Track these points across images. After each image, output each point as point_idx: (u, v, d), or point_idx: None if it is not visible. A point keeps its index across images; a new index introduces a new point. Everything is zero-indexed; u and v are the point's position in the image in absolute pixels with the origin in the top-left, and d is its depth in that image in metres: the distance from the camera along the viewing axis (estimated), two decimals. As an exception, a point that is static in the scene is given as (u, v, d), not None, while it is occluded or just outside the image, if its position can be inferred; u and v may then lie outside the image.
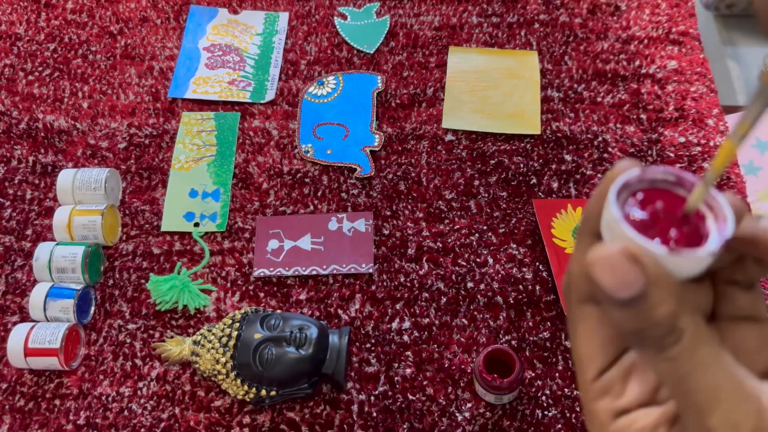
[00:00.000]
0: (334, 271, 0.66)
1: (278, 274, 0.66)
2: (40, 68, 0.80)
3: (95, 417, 0.60)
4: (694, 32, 0.79)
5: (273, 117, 0.76)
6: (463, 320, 0.63)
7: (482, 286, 0.65)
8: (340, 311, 0.64)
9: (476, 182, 0.71)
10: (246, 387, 0.56)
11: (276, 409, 0.60)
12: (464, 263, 0.66)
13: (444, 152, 0.73)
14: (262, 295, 0.66)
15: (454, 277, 0.66)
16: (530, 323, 0.63)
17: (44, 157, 0.74)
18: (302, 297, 0.65)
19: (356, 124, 0.75)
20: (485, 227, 0.68)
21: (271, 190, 0.71)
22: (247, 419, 0.60)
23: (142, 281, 0.67)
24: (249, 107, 0.77)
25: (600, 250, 0.21)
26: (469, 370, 0.61)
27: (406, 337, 0.63)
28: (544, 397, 0.59)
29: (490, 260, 0.66)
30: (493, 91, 0.76)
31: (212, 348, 0.57)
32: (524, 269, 0.65)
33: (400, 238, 0.68)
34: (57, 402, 0.61)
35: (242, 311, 0.60)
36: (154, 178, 0.73)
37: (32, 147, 0.75)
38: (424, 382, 0.60)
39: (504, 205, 0.69)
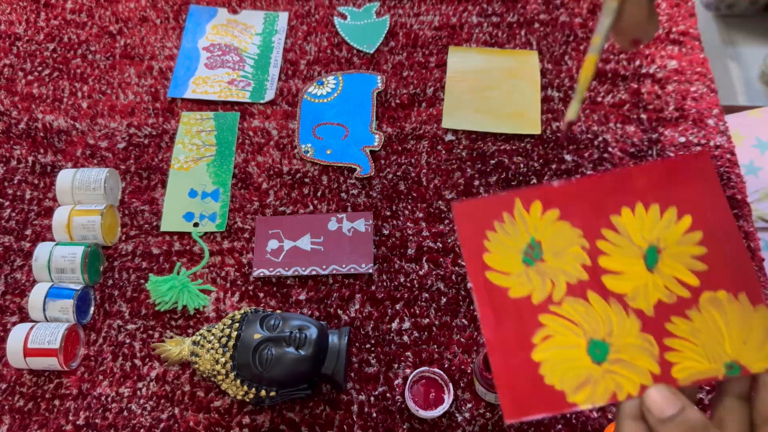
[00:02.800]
0: (334, 272, 0.66)
1: (278, 274, 0.66)
2: (40, 68, 0.80)
3: (95, 417, 0.60)
4: (694, 32, 0.79)
5: (272, 117, 0.76)
6: (463, 320, 0.63)
7: (482, 287, 0.64)
8: (339, 311, 0.64)
9: (476, 182, 0.70)
10: (245, 387, 0.56)
11: (275, 410, 0.60)
12: (464, 263, 0.66)
13: (444, 152, 0.72)
14: (261, 295, 0.66)
15: (454, 277, 0.65)
16: (530, 323, 0.62)
17: (43, 157, 0.74)
18: (302, 297, 0.65)
19: (356, 124, 0.74)
20: (485, 227, 0.68)
21: (271, 190, 0.71)
22: (246, 420, 0.59)
23: (142, 281, 0.67)
24: (248, 107, 0.76)
25: (649, 392, 0.35)
26: (469, 371, 0.61)
27: (406, 338, 0.63)
28: (544, 398, 0.59)
29: (490, 260, 0.66)
30: (493, 90, 0.76)
31: (212, 348, 0.57)
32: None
33: (399, 239, 0.68)
34: (56, 402, 0.61)
35: (242, 311, 0.60)
36: (154, 178, 0.73)
37: (31, 147, 0.75)
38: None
39: (504, 205, 0.69)
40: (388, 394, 0.60)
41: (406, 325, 0.63)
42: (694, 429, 0.33)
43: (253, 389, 0.56)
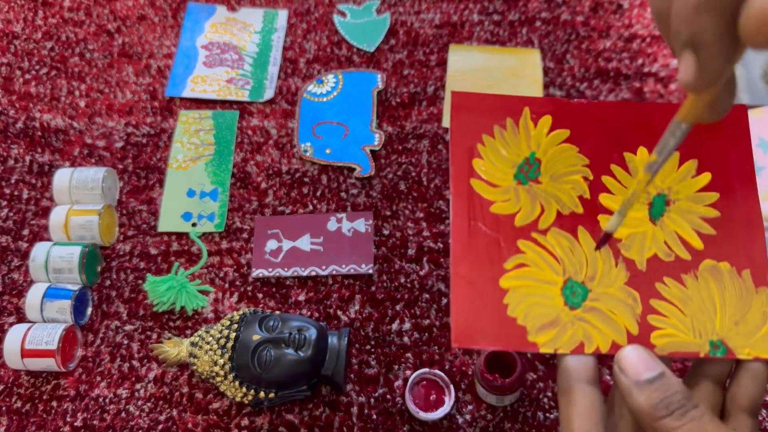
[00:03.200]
0: (334, 272, 0.65)
1: (277, 274, 0.66)
2: (37, 67, 0.79)
3: (92, 419, 0.60)
4: (697, 30, 0.78)
5: (272, 116, 0.75)
6: (464, 321, 0.63)
7: (483, 287, 0.64)
8: (339, 312, 0.64)
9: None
10: (244, 389, 0.56)
11: (275, 411, 0.59)
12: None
13: (445, 151, 0.72)
14: (260, 296, 0.65)
15: (454, 277, 0.65)
16: (532, 324, 0.62)
17: (41, 157, 0.74)
18: (301, 298, 0.65)
19: (356, 123, 0.74)
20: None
21: (270, 189, 0.71)
22: (245, 421, 0.59)
23: (140, 282, 0.66)
24: (247, 106, 0.76)
25: (626, 350, 0.31)
26: (470, 372, 0.60)
27: (406, 339, 0.62)
28: (545, 399, 0.59)
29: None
30: (494, 89, 0.76)
31: (210, 350, 0.57)
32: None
33: (400, 239, 0.67)
34: (54, 404, 0.61)
35: (240, 312, 0.59)
36: (152, 178, 0.72)
37: (29, 146, 0.74)
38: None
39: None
40: (388, 396, 0.60)
41: (407, 326, 0.63)
42: (674, 396, 0.29)
43: (252, 391, 0.56)
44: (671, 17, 0.25)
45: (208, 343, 0.57)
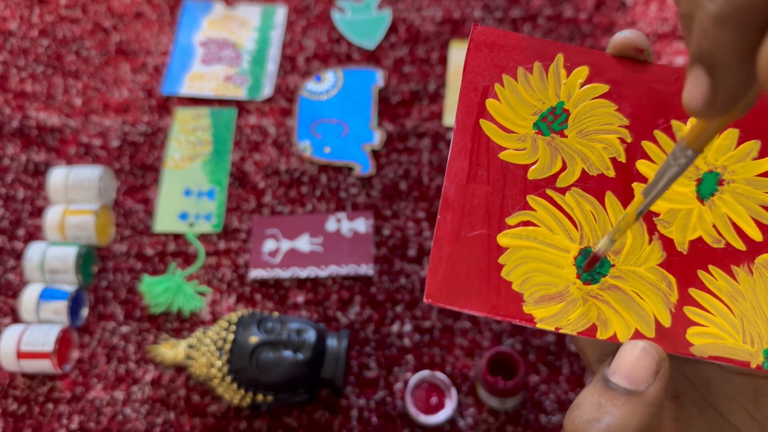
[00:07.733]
0: (333, 273, 0.64)
1: (275, 275, 0.65)
2: (33, 65, 0.78)
3: (88, 421, 0.59)
4: (702, 26, 0.77)
5: (270, 114, 0.74)
6: (466, 323, 0.62)
7: (485, 288, 0.63)
8: (339, 314, 0.63)
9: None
10: (242, 392, 0.55)
11: (273, 414, 0.59)
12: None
13: (446, 150, 0.71)
14: (258, 297, 0.64)
15: (456, 278, 0.64)
16: (534, 326, 0.61)
17: (37, 156, 0.73)
18: (300, 299, 0.64)
19: (356, 121, 0.73)
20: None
21: (268, 189, 0.70)
22: (243, 424, 0.58)
23: (136, 282, 0.65)
24: (245, 104, 0.75)
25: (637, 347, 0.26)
26: (471, 375, 0.59)
27: (407, 341, 0.61)
28: (548, 402, 0.58)
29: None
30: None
31: (207, 351, 0.56)
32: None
33: (400, 239, 0.66)
34: (50, 406, 0.60)
35: (238, 314, 0.58)
36: (149, 177, 0.71)
37: (25, 145, 0.73)
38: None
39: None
40: (388, 399, 0.59)
41: (407, 327, 0.62)
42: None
43: (250, 393, 0.55)
44: (694, 26, 0.20)
45: (205, 345, 0.56)
